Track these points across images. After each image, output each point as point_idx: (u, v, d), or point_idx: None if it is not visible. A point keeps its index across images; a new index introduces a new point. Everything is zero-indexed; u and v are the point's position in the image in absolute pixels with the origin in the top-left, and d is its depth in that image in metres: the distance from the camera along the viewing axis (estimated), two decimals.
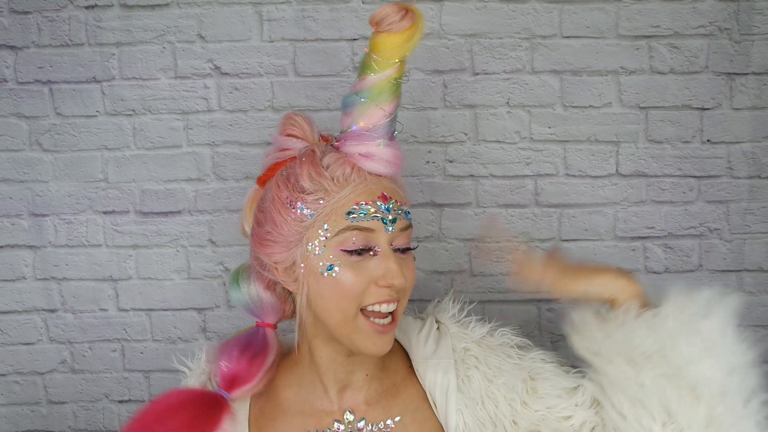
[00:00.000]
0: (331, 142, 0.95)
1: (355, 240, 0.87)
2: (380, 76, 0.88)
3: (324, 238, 0.87)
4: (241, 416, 0.96)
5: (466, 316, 1.06)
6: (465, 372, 0.98)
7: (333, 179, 0.88)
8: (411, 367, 1.02)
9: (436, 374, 0.97)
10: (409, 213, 0.93)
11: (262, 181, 0.98)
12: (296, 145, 0.96)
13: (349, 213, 0.87)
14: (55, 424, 1.51)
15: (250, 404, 0.98)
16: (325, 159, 0.89)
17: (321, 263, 0.87)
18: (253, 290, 0.98)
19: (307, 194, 0.88)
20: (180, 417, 0.90)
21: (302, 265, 0.89)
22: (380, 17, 0.86)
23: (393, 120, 0.90)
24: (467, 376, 0.97)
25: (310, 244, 0.88)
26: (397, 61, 0.87)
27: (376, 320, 0.88)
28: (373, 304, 0.88)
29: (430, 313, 1.09)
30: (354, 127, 0.90)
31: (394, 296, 0.88)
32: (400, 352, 1.04)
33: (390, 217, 0.89)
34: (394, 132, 0.92)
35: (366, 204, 0.87)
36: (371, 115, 0.89)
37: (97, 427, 1.51)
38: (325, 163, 0.89)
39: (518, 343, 1.03)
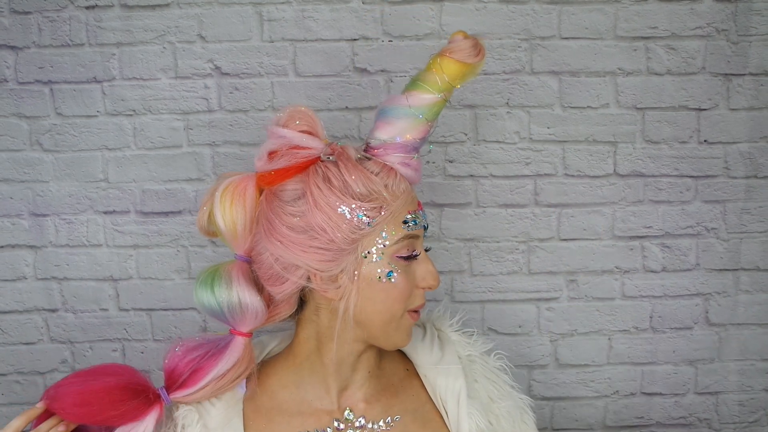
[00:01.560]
0: (369, 148, 0.95)
1: (407, 248, 0.91)
2: (439, 96, 0.92)
3: (382, 246, 0.89)
4: (235, 420, 0.95)
5: (464, 327, 1.11)
6: (471, 382, 1.02)
7: (387, 187, 0.90)
8: (408, 370, 1.04)
9: (447, 380, 1.00)
10: None
11: (273, 180, 0.92)
12: (315, 144, 0.93)
13: (404, 222, 0.91)
14: None
15: (243, 407, 0.97)
16: (369, 165, 0.91)
17: (379, 270, 0.90)
18: (235, 296, 0.92)
19: (365, 201, 0.88)
20: (103, 398, 0.88)
21: (356, 272, 0.89)
22: (459, 49, 0.92)
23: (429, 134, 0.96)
24: (473, 387, 1.01)
25: (365, 251, 0.89)
26: (458, 86, 0.94)
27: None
28: (417, 308, 0.95)
29: (426, 321, 1.12)
30: (398, 138, 0.92)
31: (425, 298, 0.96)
32: (395, 356, 1.06)
33: (426, 223, 0.96)
34: (429, 146, 0.99)
35: (413, 213, 0.92)
36: (420, 130, 0.93)
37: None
38: (371, 170, 0.90)
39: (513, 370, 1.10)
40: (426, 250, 0.96)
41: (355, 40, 1.43)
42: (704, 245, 1.50)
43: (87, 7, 1.41)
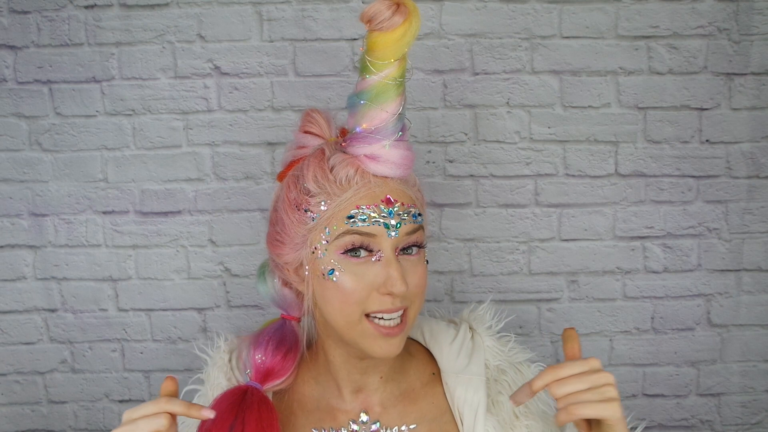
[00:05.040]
0: (341, 141, 0.93)
1: (354, 243, 0.84)
2: (379, 77, 0.84)
3: (325, 242, 0.86)
4: None
5: (503, 330, 1.03)
6: (496, 394, 0.96)
7: (336, 182, 0.86)
8: (434, 374, 0.99)
9: (466, 391, 0.94)
10: (419, 215, 0.89)
11: (280, 178, 0.97)
12: (312, 143, 0.95)
13: (349, 217, 0.84)
14: (56, 423, 1.52)
15: (271, 394, 0.96)
16: (331, 160, 0.87)
17: (323, 267, 0.86)
18: (278, 285, 0.97)
19: (311, 196, 0.87)
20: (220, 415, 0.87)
21: (307, 267, 0.89)
22: (370, 15, 0.81)
23: (399, 119, 0.87)
24: (498, 401, 0.95)
25: (314, 246, 0.87)
26: (393, 60, 0.83)
27: (382, 323, 0.85)
28: (375, 312, 0.85)
29: (464, 320, 1.06)
30: (358, 129, 0.87)
31: (397, 305, 0.85)
32: (424, 357, 1.01)
33: (393, 222, 0.85)
34: (399, 132, 0.87)
35: (367, 208, 0.84)
36: (373, 117, 0.85)
37: (98, 427, 1.52)
38: (330, 165, 0.87)
39: None
40: (419, 246, 0.89)
41: (354, 39, 1.43)
42: (706, 246, 1.49)
43: (86, 7, 1.41)
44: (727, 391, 1.54)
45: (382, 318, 0.85)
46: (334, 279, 0.85)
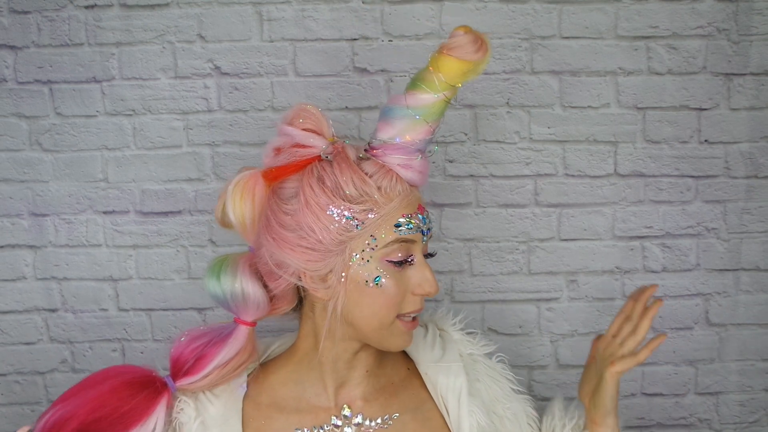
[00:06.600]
0: (364, 147, 0.95)
1: (400, 252, 0.89)
2: (439, 97, 0.89)
3: (371, 250, 0.88)
4: (233, 418, 0.95)
5: (467, 327, 1.10)
6: (473, 381, 1.01)
7: (381, 190, 0.88)
8: (410, 369, 1.04)
9: (447, 378, 1.00)
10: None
11: (274, 176, 0.94)
12: (317, 143, 0.93)
13: (397, 225, 0.88)
14: None
15: (243, 404, 0.97)
16: (366, 166, 0.90)
17: (367, 274, 0.88)
18: (238, 286, 0.94)
19: (355, 203, 0.87)
20: (110, 389, 0.89)
21: (343, 274, 0.88)
22: (457, 45, 0.88)
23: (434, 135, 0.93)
24: (475, 387, 1.01)
25: (354, 254, 0.88)
26: (460, 85, 0.90)
27: (406, 319, 0.93)
28: (410, 313, 0.92)
29: (428, 321, 1.12)
30: (398, 139, 0.90)
31: (423, 303, 0.93)
32: (398, 355, 1.05)
33: (426, 228, 0.92)
34: (436, 146, 0.97)
35: (411, 216, 0.90)
36: (419, 131, 0.91)
37: None
38: (367, 171, 0.89)
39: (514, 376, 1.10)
40: (431, 255, 0.95)
41: (355, 39, 1.43)
42: (705, 245, 1.50)
43: (86, 7, 1.41)
44: (726, 390, 1.54)
45: (408, 315, 0.92)
46: (381, 286, 0.88)
